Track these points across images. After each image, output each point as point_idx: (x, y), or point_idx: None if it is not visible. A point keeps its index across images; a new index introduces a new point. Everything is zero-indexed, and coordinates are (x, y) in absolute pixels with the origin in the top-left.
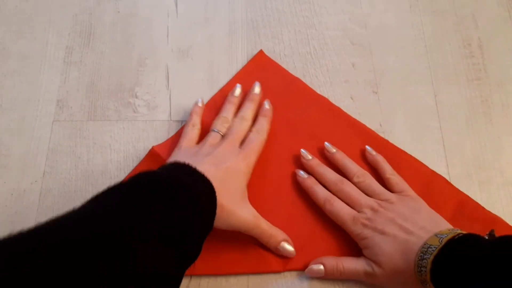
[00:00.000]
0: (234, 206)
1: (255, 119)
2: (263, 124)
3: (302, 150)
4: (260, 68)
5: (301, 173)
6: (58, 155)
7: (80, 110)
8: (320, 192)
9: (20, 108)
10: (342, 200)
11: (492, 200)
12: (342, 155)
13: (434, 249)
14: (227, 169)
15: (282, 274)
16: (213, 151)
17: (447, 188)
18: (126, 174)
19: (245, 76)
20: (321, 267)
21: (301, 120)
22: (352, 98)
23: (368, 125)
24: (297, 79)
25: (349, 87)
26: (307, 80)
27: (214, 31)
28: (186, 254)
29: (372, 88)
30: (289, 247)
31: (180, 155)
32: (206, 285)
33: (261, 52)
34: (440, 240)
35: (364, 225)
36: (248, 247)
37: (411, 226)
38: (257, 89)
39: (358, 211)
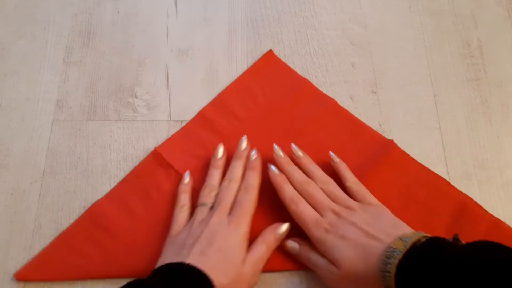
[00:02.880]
0: (236, 278)
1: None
2: (251, 180)
3: (274, 145)
4: (269, 67)
5: (273, 168)
6: (58, 155)
7: (79, 110)
8: (288, 191)
9: (19, 108)
10: (307, 202)
11: (492, 200)
12: (308, 160)
13: (398, 253)
14: (218, 250)
15: (281, 274)
16: (201, 234)
17: (449, 190)
18: (126, 174)
19: (254, 74)
20: (296, 246)
21: (307, 120)
22: (351, 98)
23: (367, 124)
24: (305, 79)
25: (349, 87)
26: None
27: (213, 31)
28: None
29: (371, 88)
30: (283, 230)
31: (169, 252)
32: None
33: (270, 51)
34: (404, 244)
35: (326, 230)
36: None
37: (373, 231)
38: (244, 144)
39: (321, 215)
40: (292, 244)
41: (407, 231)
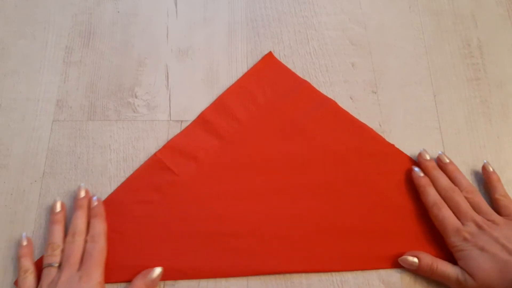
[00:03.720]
0: None
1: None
2: (97, 228)
3: (422, 149)
4: (268, 69)
5: (417, 170)
6: (58, 155)
7: (79, 110)
8: (432, 194)
9: (19, 108)
10: (450, 208)
11: None
12: (455, 167)
13: None
14: None
15: (282, 274)
16: None
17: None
18: (126, 174)
19: (253, 76)
20: (416, 260)
21: (307, 122)
22: (351, 98)
23: (368, 125)
24: (305, 81)
25: (349, 87)
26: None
27: (213, 31)
28: None
29: (371, 88)
30: (155, 274)
31: None
32: (206, 285)
33: (270, 54)
34: None
35: (465, 239)
36: (246, 250)
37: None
38: (82, 192)
39: (463, 223)
40: (412, 259)
41: None
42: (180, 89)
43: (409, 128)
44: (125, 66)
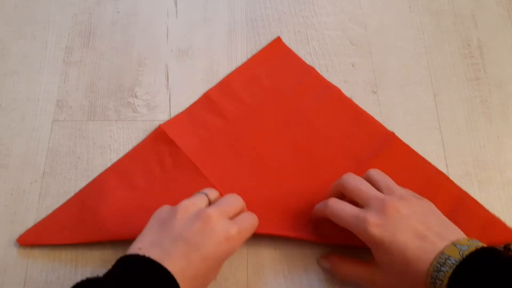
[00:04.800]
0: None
1: None
2: (249, 218)
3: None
4: (276, 53)
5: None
6: (58, 155)
7: (79, 110)
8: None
9: (19, 108)
10: (348, 196)
11: (492, 200)
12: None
13: (453, 262)
14: (203, 260)
15: (281, 274)
16: (191, 226)
17: (447, 184)
18: None
19: (260, 60)
20: (327, 265)
21: (310, 108)
22: (351, 98)
23: (369, 114)
24: (311, 67)
25: (349, 87)
26: None
27: (213, 31)
28: None
29: (371, 88)
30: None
31: (151, 231)
32: None
33: (278, 38)
34: (460, 253)
35: (376, 225)
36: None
37: (425, 230)
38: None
39: (365, 206)
40: (325, 264)
41: (460, 236)
42: (180, 89)
43: (409, 128)
44: (125, 66)
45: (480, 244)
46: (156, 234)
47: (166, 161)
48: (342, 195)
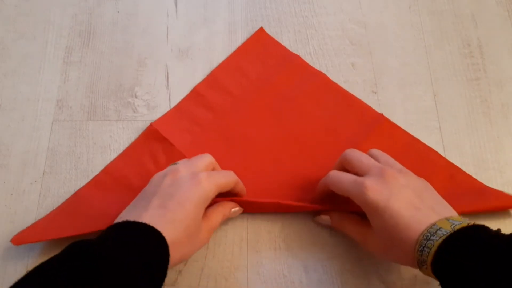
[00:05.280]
0: (188, 244)
1: None
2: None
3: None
4: (259, 44)
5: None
6: (58, 155)
7: (79, 110)
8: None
9: (20, 108)
10: (349, 169)
11: None
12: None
13: (444, 233)
14: (179, 203)
15: (282, 274)
16: (162, 182)
17: (439, 160)
18: None
19: (245, 51)
20: (328, 217)
21: (299, 95)
22: None
23: (357, 97)
24: (296, 55)
25: (349, 87)
26: None
27: (213, 31)
28: None
29: (371, 88)
30: (236, 210)
31: (130, 205)
32: (206, 285)
33: (261, 29)
34: (452, 226)
35: (372, 189)
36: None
37: (419, 202)
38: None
39: (364, 175)
40: (325, 217)
41: (453, 213)
42: (180, 89)
43: (409, 128)
44: (125, 66)
45: (473, 222)
46: (133, 205)
47: (160, 158)
48: (346, 171)
